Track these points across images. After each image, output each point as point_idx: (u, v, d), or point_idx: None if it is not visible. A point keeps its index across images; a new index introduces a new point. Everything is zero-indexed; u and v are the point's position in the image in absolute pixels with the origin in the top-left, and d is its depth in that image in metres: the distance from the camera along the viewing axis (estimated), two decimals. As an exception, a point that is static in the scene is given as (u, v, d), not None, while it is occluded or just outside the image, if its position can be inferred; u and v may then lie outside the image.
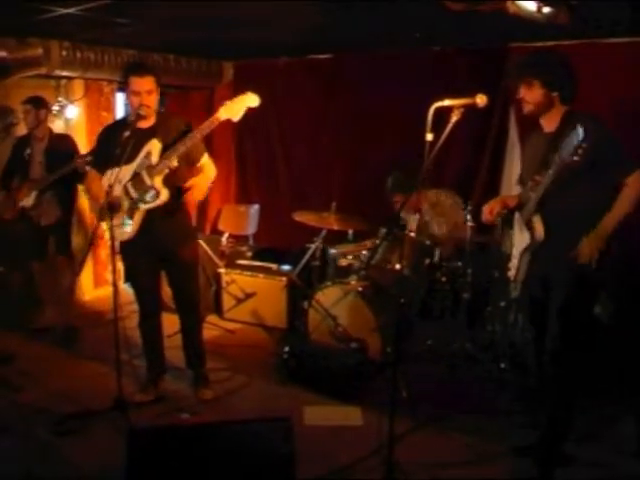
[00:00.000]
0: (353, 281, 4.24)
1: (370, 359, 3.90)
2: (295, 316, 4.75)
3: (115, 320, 3.30)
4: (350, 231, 4.83)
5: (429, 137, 2.67)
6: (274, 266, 5.03)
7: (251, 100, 3.33)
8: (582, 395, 2.97)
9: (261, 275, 4.96)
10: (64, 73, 4.76)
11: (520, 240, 2.88)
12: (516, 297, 3.82)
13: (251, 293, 4.96)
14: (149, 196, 3.38)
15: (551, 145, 2.69)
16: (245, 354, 4.41)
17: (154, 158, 3.36)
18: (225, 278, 5.08)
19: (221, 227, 5.97)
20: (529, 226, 2.79)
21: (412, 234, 4.27)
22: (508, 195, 3.37)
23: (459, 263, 4.24)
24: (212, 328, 4.76)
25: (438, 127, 2.68)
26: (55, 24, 3.89)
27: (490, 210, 3.00)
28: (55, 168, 4.31)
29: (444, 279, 4.25)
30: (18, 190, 4.46)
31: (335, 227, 4.45)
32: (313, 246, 4.65)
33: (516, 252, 2.91)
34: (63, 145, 4.48)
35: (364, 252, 4.50)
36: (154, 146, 3.37)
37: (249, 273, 5.01)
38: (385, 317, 4.03)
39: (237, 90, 5.76)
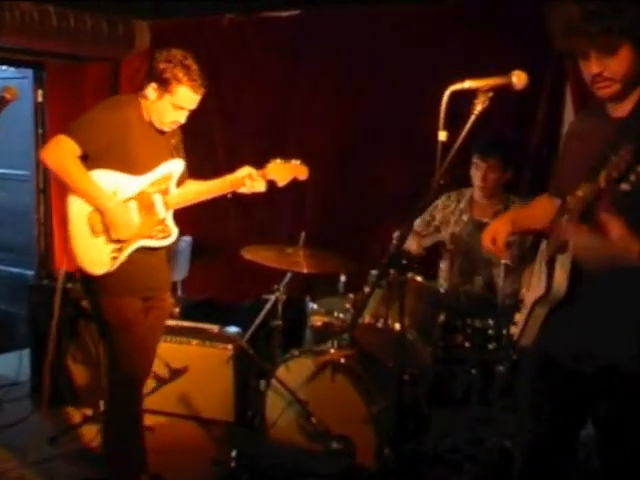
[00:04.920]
0: (332, 349, 4.26)
1: (359, 465, 3.91)
2: (246, 403, 4.74)
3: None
4: (342, 278, 4.76)
5: (442, 136, 2.70)
6: (214, 328, 5.02)
7: (301, 172, 4.01)
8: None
9: (195, 342, 4.95)
10: None
11: (536, 284, 2.81)
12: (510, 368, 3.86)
13: (180, 369, 4.95)
14: None
15: (619, 137, 2.42)
16: (171, 463, 4.34)
17: None
18: (140, 347, 5.05)
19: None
20: (549, 268, 2.66)
21: (418, 278, 4.29)
22: (523, 208, 3.31)
23: (490, 321, 4.24)
24: (120, 423, 4.74)
25: (455, 121, 2.70)
26: None
27: (492, 236, 2.93)
28: None
29: (467, 344, 4.24)
30: None
31: (305, 269, 4.45)
32: (272, 297, 4.65)
33: (528, 301, 2.85)
34: None
35: (347, 305, 4.50)
36: None
37: (177, 339, 5.00)
38: (380, 402, 4.01)
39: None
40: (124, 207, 3.67)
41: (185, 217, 6.05)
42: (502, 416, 4.24)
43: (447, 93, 2.70)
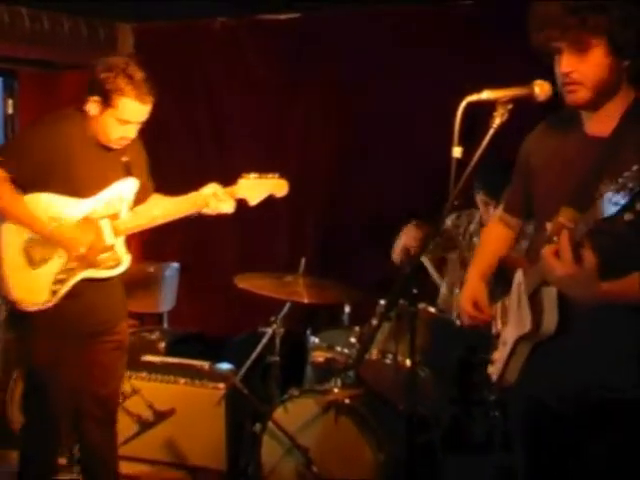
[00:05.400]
0: (335, 388, 4.25)
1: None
2: (240, 449, 4.71)
3: None
4: (346, 309, 4.79)
5: (457, 152, 2.62)
6: (204, 365, 4.97)
7: (279, 188, 3.84)
8: None
9: (182, 380, 4.91)
10: None
11: (517, 319, 2.77)
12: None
13: (165, 411, 4.88)
14: None
15: (602, 161, 2.48)
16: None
17: None
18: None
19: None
20: (534, 304, 2.64)
21: (431, 309, 4.28)
22: (479, 254, 3.25)
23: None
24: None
25: (471, 135, 2.62)
26: None
27: (473, 301, 2.92)
28: None
29: (487, 383, 4.14)
30: None
31: (305, 299, 4.45)
32: (269, 331, 4.63)
33: (508, 337, 2.82)
34: None
35: (352, 339, 4.49)
36: None
37: (162, 377, 4.96)
38: (389, 448, 4.00)
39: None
40: (68, 224, 3.58)
41: (172, 241, 6.04)
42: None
43: (463, 104, 2.62)
